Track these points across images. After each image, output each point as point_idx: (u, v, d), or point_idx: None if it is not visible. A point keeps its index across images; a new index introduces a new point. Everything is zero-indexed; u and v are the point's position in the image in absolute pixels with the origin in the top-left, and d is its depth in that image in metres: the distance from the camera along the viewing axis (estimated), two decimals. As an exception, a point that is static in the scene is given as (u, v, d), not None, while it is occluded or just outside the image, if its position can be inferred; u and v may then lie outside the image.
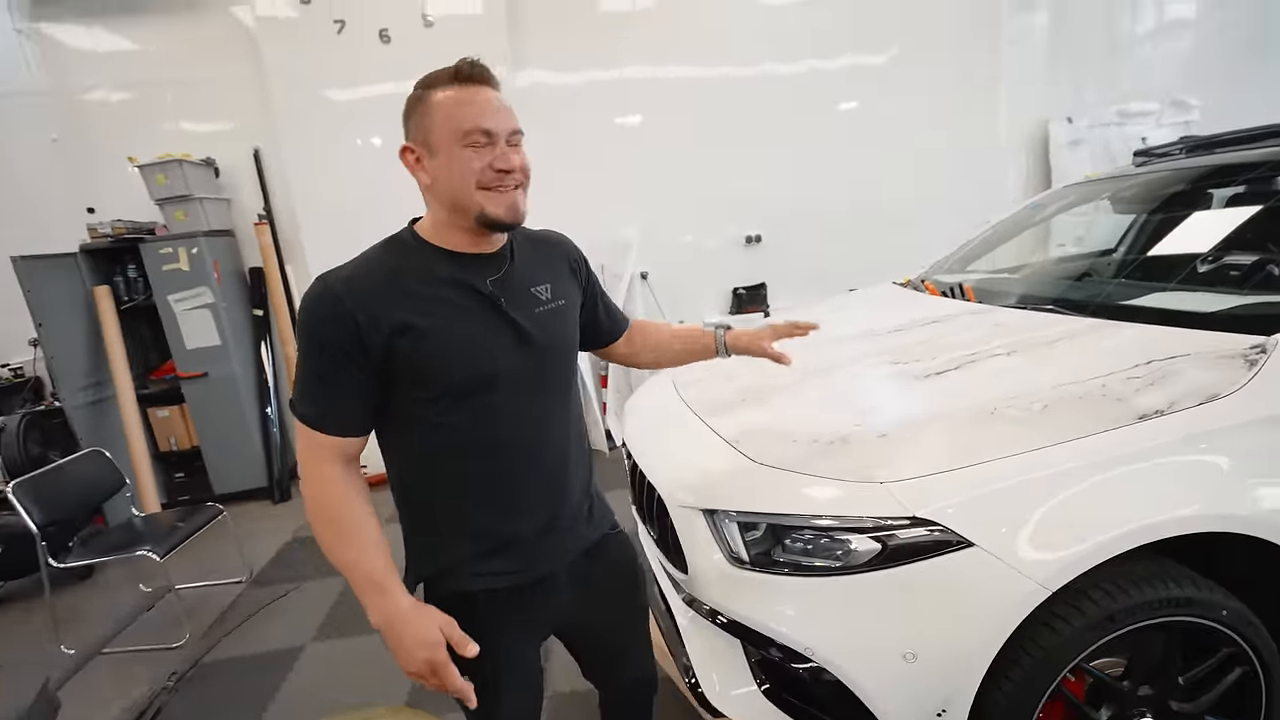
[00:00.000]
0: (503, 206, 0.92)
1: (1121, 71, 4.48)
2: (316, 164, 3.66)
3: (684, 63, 3.97)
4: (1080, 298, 1.70)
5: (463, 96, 0.90)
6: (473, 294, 0.94)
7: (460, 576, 0.99)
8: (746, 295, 4.26)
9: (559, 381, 1.04)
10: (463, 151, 0.89)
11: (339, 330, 0.87)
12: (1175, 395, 1.15)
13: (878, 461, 1.20)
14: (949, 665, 1.09)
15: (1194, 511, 1.08)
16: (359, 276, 0.89)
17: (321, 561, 2.93)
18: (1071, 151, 4.31)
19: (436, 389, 0.91)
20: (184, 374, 3.62)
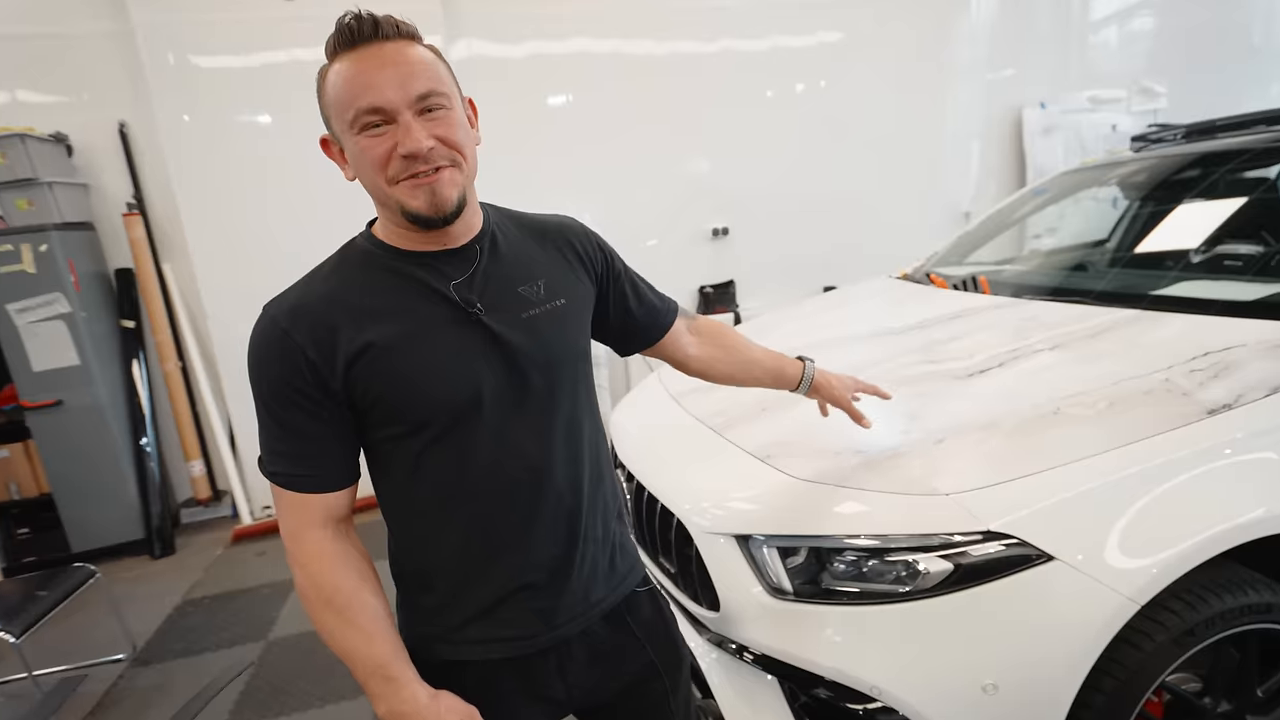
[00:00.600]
0: (420, 198, 0.79)
1: (1091, 58, 4.86)
2: (201, 143, 3.40)
3: (640, 36, 3.98)
4: (1108, 288, 1.80)
5: (350, 68, 0.77)
6: (438, 301, 0.84)
7: (451, 643, 0.92)
8: (714, 294, 4.30)
9: (563, 398, 0.92)
10: (359, 140, 0.78)
11: (289, 370, 0.80)
12: (1240, 388, 1.22)
13: (938, 471, 1.21)
14: (1034, 694, 1.10)
15: (1269, 511, 1.14)
16: (305, 301, 0.82)
17: (228, 627, 2.70)
18: (1045, 139, 4.63)
19: (408, 421, 0.83)
20: (29, 403, 3.25)
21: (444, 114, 0.81)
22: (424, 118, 0.79)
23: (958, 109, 4.67)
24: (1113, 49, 4.93)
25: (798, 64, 4.28)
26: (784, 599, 1.25)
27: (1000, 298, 1.92)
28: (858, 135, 4.43)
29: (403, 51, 0.79)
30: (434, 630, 0.92)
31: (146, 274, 3.50)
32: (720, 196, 4.28)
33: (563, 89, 3.95)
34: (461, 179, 0.83)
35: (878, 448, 1.32)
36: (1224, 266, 1.75)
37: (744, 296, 4.36)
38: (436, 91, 0.80)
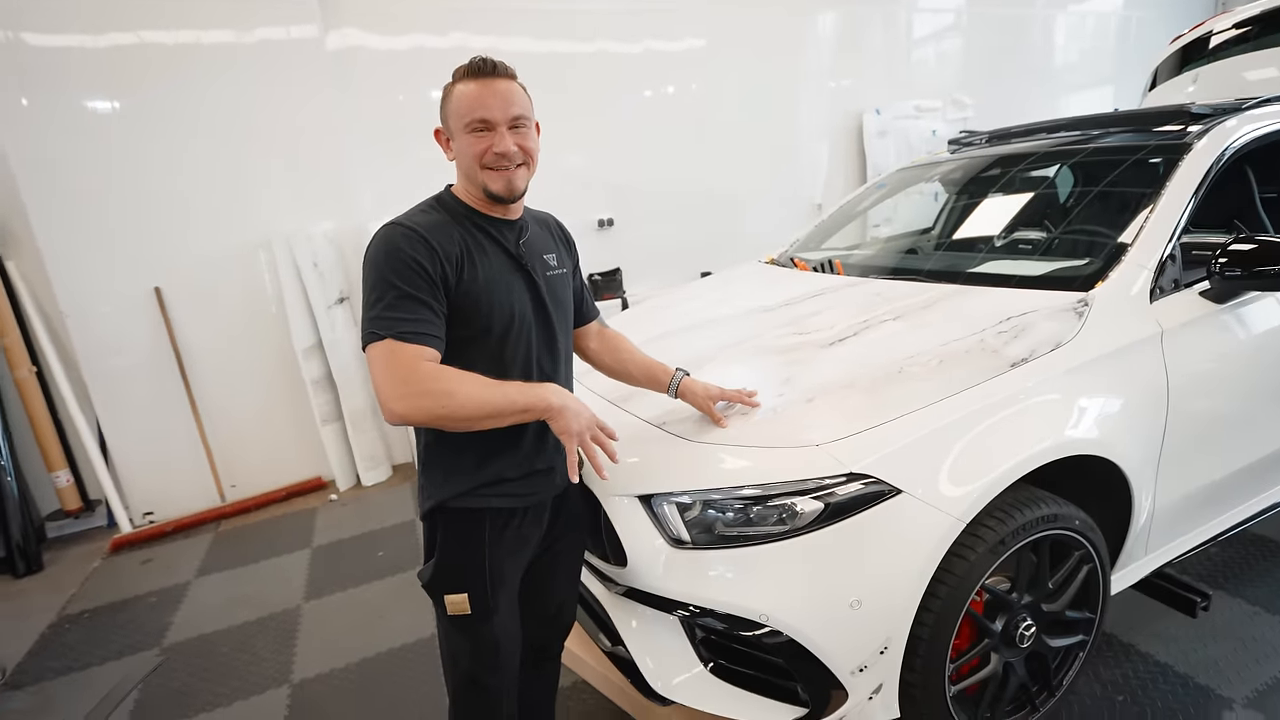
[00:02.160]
0: (500, 183, 1.14)
1: (915, 72, 5.33)
2: (45, 130, 2.95)
3: (519, 34, 3.89)
4: (934, 267, 2.03)
5: (471, 89, 1.11)
6: (503, 250, 1.18)
7: (479, 496, 1.18)
8: (602, 281, 4.34)
9: (565, 338, 1.29)
10: (468, 137, 1.12)
11: (425, 258, 1.06)
12: (1033, 344, 1.43)
13: (808, 425, 1.33)
14: (889, 605, 1.25)
15: (1056, 441, 1.36)
16: (427, 223, 1.11)
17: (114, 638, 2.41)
18: (880, 141, 5.04)
19: (474, 328, 1.12)
20: None
21: (525, 131, 1.16)
22: (512, 131, 1.13)
23: (808, 113, 4.98)
24: (931, 65, 5.43)
25: (669, 67, 4.37)
26: (683, 548, 1.33)
27: (851, 278, 2.11)
28: (723, 134, 4.61)
29: (508, 85, 1.14)
30: (462, 488, 1.17)
31: (-15, 269, 3.01)
32: (605, 190, 4.31)
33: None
34: (528, 175, 1.18)
35: (759, 409, 1.42)
36: (1018, 248, 2.02)
37: (630, 283, 4.44)
38: (524, 116, 1.15)
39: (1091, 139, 2.12)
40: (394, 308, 1.04)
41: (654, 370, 1.47)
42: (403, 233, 1.08)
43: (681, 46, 4.38)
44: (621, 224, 4.39)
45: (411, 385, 1.02)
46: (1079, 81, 6.25)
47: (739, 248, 4.54)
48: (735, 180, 4.72)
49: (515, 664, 1.30)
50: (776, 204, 4.93)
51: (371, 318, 1.05)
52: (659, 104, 4.40)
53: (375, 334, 1.04)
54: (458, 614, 1.20)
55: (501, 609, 1.23)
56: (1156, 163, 1.85)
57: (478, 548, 1.20)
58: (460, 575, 1.20)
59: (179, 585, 2.78)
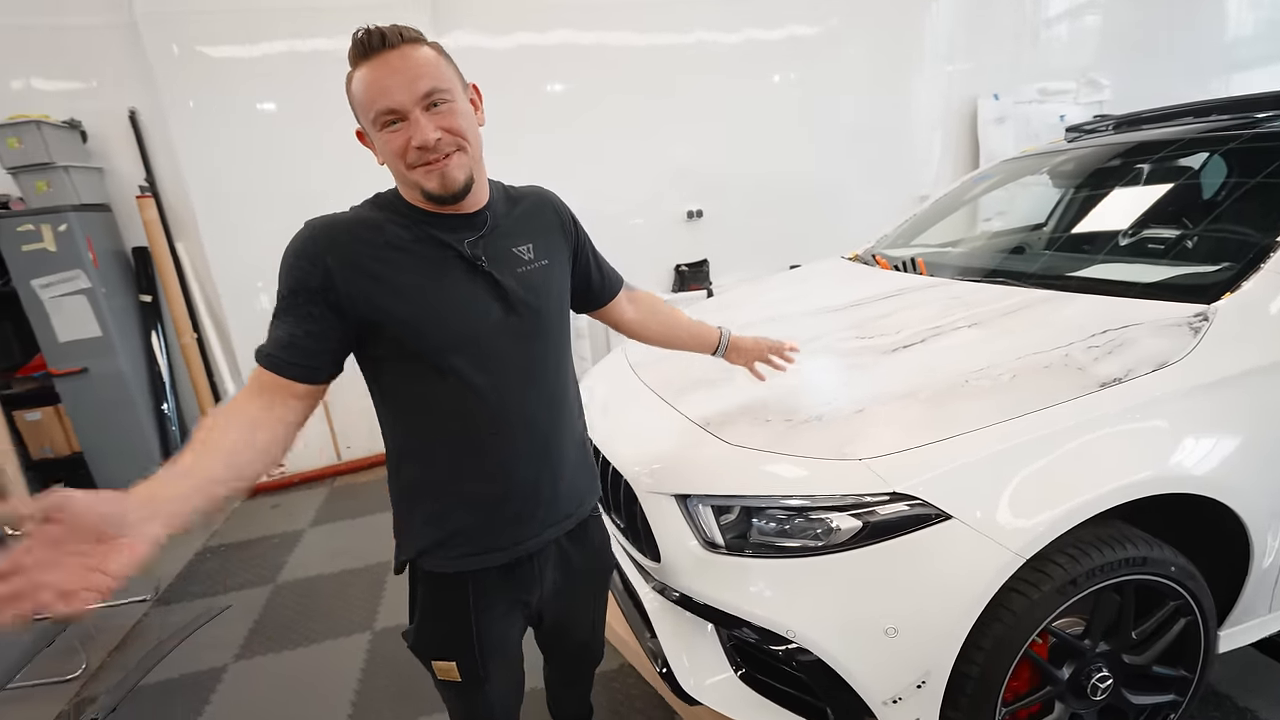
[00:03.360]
0: (434, 180, 0.88)
1: (1042, 51, 4.75)
2: (207, 129, 3.31)
3: (620, 28, 3.86)
4: (1030, 270, 1.79)
5: (367, 75, 0.85)
6: (452, 254, 0.92)
7: (447, 557, 0.98)
8: (689, 272, 4.26)
9: (547, 343, 1.01)
10: (381, 135, 0.87)
11: (311, 266, 0.86)
12: (1131, 363, 1.22)
13: (854, 438, 1.21)
14: (929, 637, 1.12)
15: (1150, 475, 1.15)
16: (340, 224, 0.90)
17: (241, 572, 2.73)
18: (997, 128, 4.55)
19: (415, 350, 0.90)
20: (57, 370, 3.23)
21: (447, 107, 0.87)
22: (430, 112, 0.86)
23: (918, 100, 4.58)
24: (1064, 43, 4.81)
25: (770, 56, 4.17)
26: (716, 552, 1.27)
27: (933, 278, 1.91)
28: (824, 124, 4.35)
29: (407, 56, 0.85)
30: (427, 544, 0.98)
31: (161, 253, 3.44)
32: (697, 181, 4.21)
33: (547, 79, 3.85)
34: (468, 160, 0.90)
35: (804, 416, 1.32)
36: (1141, 250, 1.73)
37: (716, 274, 4.32)
38: (439, 89, 0.86)
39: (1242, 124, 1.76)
40: (276, 322, 0.87)
41: (701, 333, 1.35)
42: (301, 236, 0.88)
43: (783, 34, 4.16)
44: (711, 215, 4.27)
45: None
46: (1252, 57, 5.27)
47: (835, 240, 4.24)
48: (835, 171, 4.44)
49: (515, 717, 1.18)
50: (878, 196, 4.59)
51: (268, 333, 0.89)
52: (759, 94, 4.20)
53: (258, 351, 0.87)
54: (448, 680, 1.06)
55: (495, 677, 1.06)
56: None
57: (462, 617, 1.00)
58: (445, 644, 1.02)
59: (296, 531, 3.07)
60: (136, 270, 3.52)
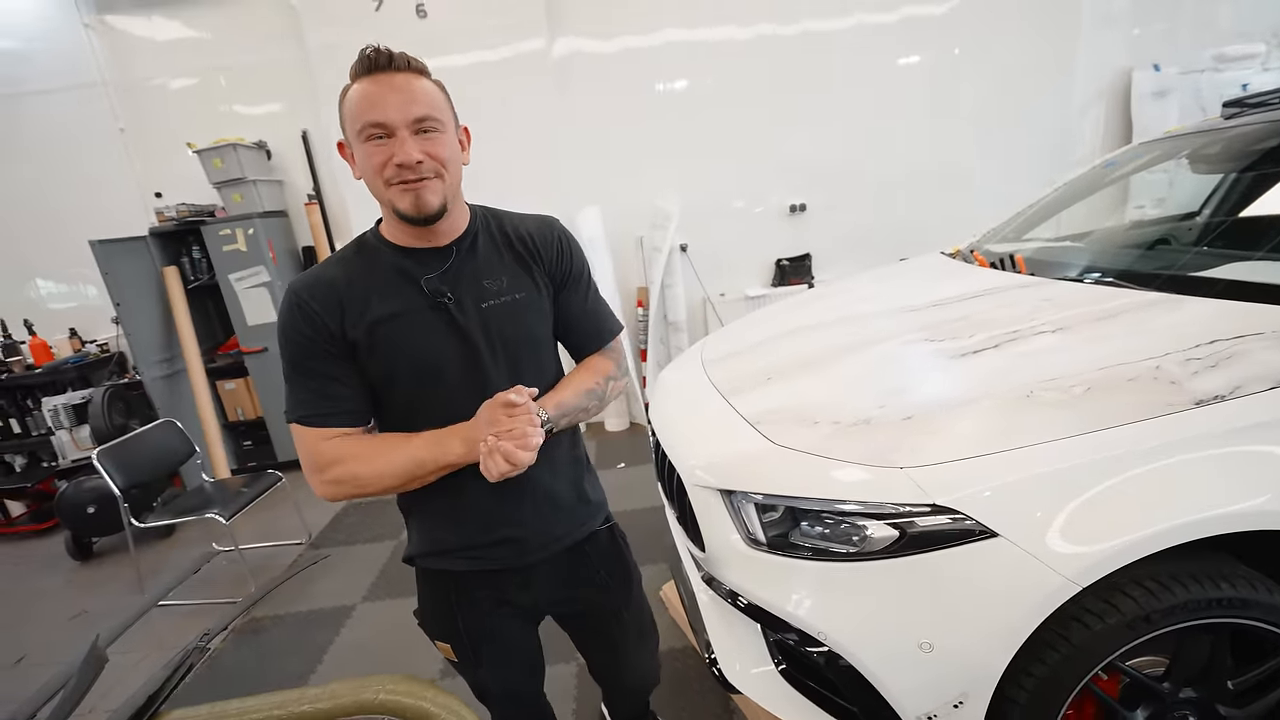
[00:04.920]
0: (407, 200, 0.88)
1: (1220, 9, 4.01)
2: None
3: (722, 23, 3.81)
4: (1146, 269, 1.55)
5: (365, 89, 0.87)
6: (417, 290, 0.94)
7: (443, 558, 1.05)
8: (790, 266, 4.14)
9: (516, 376, 0.97)
10: (365, 146, 0.87)
11: (310, 326, 0.90)
12: (1240, 379, 1.04)
13: (899, 445, 1.15)
14: (967, 657, 1.05)
15: (1256, 506, 0.98)
16: (316, 281, 0.93)
17: (376, 526, 3.10)
18: (1157, 103, 3.92)
19: (384, 386, 0.94)
20: (246, 349, 3.85)
21: (436, 136, 0.89)
22: (418, 136, 0.88)
23: (1066, 75, 4.03)
24: None
25: (887, 40, 3.90)
26: (758, 548, 1.26)
27: (1029, 277, 1.72)
28: (942, 108, 3.99)
29: (409, 82, 0.88)
30: (430, 549, 1.06)
31: (324, 251, 3.96)
32: (799, 174, 4.06)
33: (653, 79, 3.89)
34: (444, 189, 0.91)
35: (852, 420, 1.27)
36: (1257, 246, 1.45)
37: (819, 269, 4.16)
38: (432, 117, 0.88)
39: None
40: (292, 384, 0.93)
41: None
42: (285, 302, 0.93)
43: (898, 16, 3.88)
44: (815, 208, 4.11)
45: (318, 473, 0.92)
46: None
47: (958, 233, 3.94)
48: (961, 158, 4.05)
49: (523, 703, 1.21)
50: (1002, 184, 4.13)
51: (286, 394, 0.95)
52: (877, 81, 3.94)
53: (286, 414, 0.95)
54: (448, 658, 1.13)
55: (490, 660, 1.11)
56: None
57: (447, 609, 1.07)
58: (439, 629, 1.10)
59: (420, 495, 3.43)
60: (304, 265, 4.08)
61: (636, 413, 3.94)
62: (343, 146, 0.94)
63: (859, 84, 3.95)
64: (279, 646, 2.30)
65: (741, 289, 4.09)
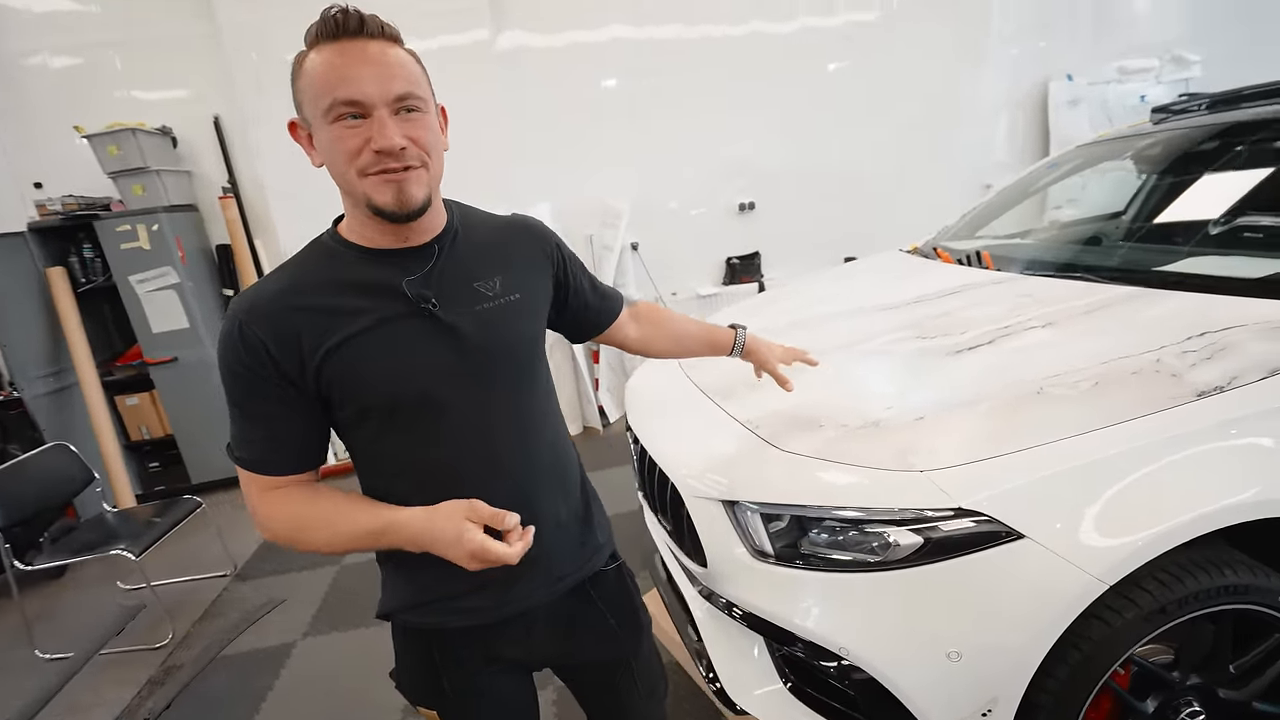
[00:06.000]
0: (388, 193, 0.73)
1: (1122, 27, 4.35)
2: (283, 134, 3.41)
3: (670, 22, 3.76)
4: (1111, 264, 1.61)
5: (331, 59, 0.71)
6: (394, 297, 0.78)
7: (424, 611, 0.88)
8: (740, 265, 4.14)
9: (518, 389, 0.87)
10: (333, 129, 0.72)
11: (252, 358, 0.75)
12: (1235, 370, 1.07)
13: (916, 447, 1.11)
14: (997, 664, 1.02)
15: (1260, 495, 1.00)
16: (263, 297, 0.77)
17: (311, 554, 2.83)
18: (1071, 111, 4.20)
19: (356, 410, 0.79)
20: (151, 359, 3.43)
21: (419, 117, 0.76)
22: (399, 118, 0.74)
23: (984, 84, 4.27)
24: (1146, 17, 4.39)
25: (825, 45, 3.98)
26: (765, 560, 1.19)
27: (999, 273, 1.75)
28: (884, 112, 4.11)
29: (385, 51, 0.74)
30: (403, 603, 0.89)
31: (241, 249, 3.59)
32: (749, 173, 4.07)
33: (601, 75, 3.79)
34: (428, 179, 0.77)
35: (860, 422, 1.22)
36: (1235, 242, 1.53)
37: (768, 267, 4.19)
38: (414, 94, 0.75)
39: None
40: (235, 421, 0.80)
41: (716, 339, 1.20)
42: (224, 327, 0.77)
43: (840, 21, 3.96)
44: (764, 207, 4.13)
45: (262, 524, 0.80)
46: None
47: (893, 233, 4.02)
48: (891, 161, 4.19)
49: None
50: (940, 187, 4.31)
51: (230, 429, 0.81)
52: (814, 83, 4.02)
53: (229, 451, 0.81)
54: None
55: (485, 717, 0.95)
56: None
57: (431, 671, 0.90)
58: (422, 692, 0.93)
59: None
60: (219, 265, 3.69)
61: (590, 416, 3.82)
62: (295, 127, 0.79)
63: (800, 86, 4.01)
64: (209, 698, 2.02)
65: (693, 288, 4.05)
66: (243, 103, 3.38)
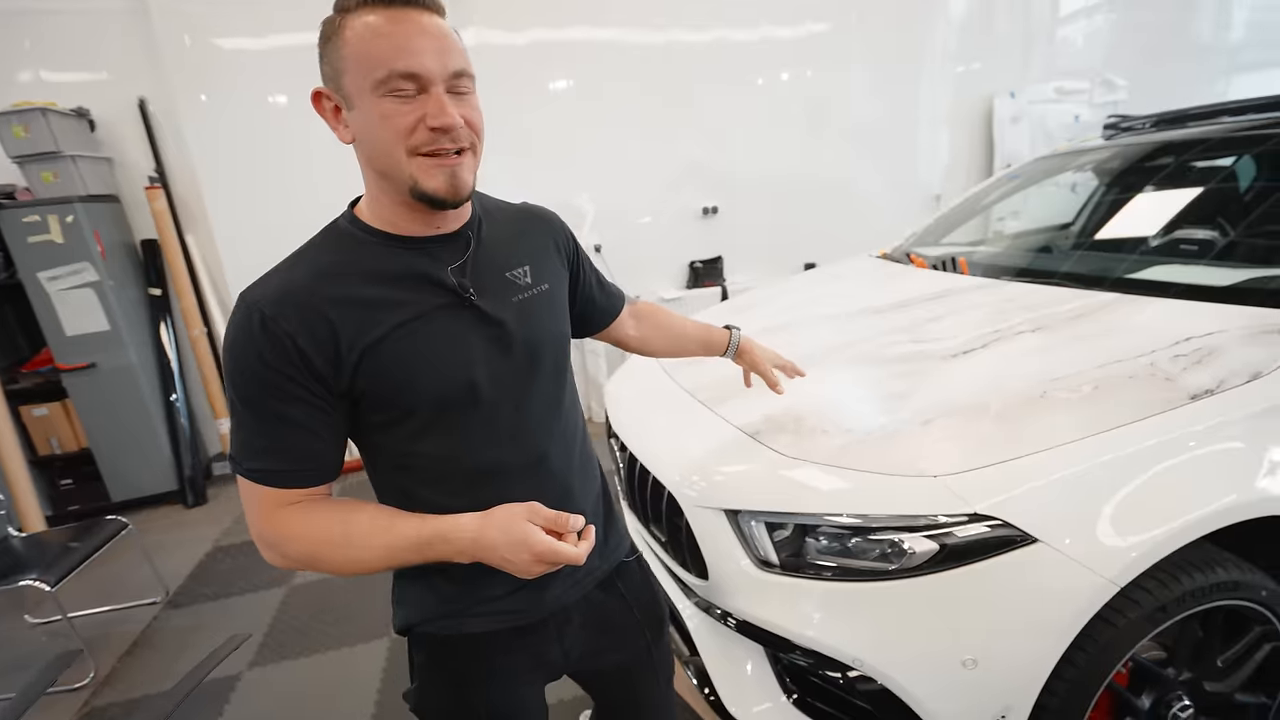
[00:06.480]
0: (440, 178, 0.68)
1: (1056, 50, 4.61)
2: (221, 121, 3.17)
3: (637, 25, 3.72)
4: (1089, 271, 1.66)
5: (383, 25, 0.65)
6: (434, 288, 0.74)
7: (456, 619, 0.83)
8: (703, 269, 4.14)
9: (551, 380, 0.85)
10: (383, 103, 0.66)
11: (278, 356, 0.67)
12: (1223, 374, 1.11)
13: (925, 453, 1.10)
14: (1012, 669, 1.01)
15: (1250, 497, 1.04)
16: (289, 290, 0.69)
17: (254, 572, 2.61)
18: (1013, 127, 4.42)
19: (400, 410, 0.73)
20: (65, 365, 3.10)
21: (471, 97, 0.72)
22: (453, 96, 0.69)
23: (932, 98, 4.44)
24: (1078, 43, 4.68)
25: (786, 54, 4.03)
26: (771, 571, 1.16)
27: (979, 278, 1.79)
28: (838, 122, 4.21)
29: (440, 25, 0.69)
30: (433, 612, 0.83)
31: (170, 244, 3.30)
32: (711, 177, 4.07)
33: (567, 76, 3.70)
34: (475, 165, 0.73)
35: (866, 427, 1.21)
36: (1187, 250, 1.61)
37: (731, 271, 4.20)
38: (468, 73, 0.71)
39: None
40: (247, 428, 0.70)
41: (711, 339, 1.19)
42: (241, 321, 0.68)
43: (801, 32, 4.02)
44: (726, 211, 4.14)
45: (271, 546, 0.71)
46: (1259, 59, 5.16)
47: (850, 238, 4.15)
48: (849, 169, 4.30)
49: None
50: (892, 195, 4.47)
51: (231, 435, 0.73)
52: (773, 92, 4.07)
53: (231, 461, 0.73)
54: None
55: None
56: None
57: (463, 684, 0.84)
58: (448, 712, 0.86)
59: (309, 530, 2.95)
60: (145, 263, 3.38)
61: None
62: (323, 97, 0.71)
63: (760, 93, 4.05)
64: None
65: (657, 291, 4.01)
66: (173, 86, 3.12)
